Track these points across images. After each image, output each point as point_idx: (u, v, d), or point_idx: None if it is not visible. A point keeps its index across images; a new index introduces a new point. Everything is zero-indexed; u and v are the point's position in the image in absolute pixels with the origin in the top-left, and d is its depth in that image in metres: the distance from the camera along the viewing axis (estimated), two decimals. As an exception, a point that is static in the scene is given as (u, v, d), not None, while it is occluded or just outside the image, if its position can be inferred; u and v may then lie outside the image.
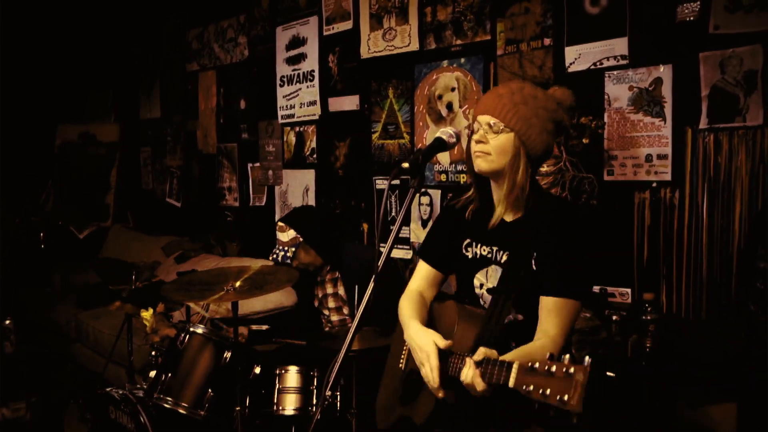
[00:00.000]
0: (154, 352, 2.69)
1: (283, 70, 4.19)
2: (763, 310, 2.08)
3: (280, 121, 4.23)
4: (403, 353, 1.91)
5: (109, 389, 2.53)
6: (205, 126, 4.98)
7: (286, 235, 2.87)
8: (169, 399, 2.31)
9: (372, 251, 3.15)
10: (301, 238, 2.87)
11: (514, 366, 1.34)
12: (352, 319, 2.90)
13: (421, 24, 3.30)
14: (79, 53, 5.94)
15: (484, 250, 1.77)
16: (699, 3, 2.35)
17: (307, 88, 4.00)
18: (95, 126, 6.06)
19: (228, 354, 2.36)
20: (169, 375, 2.34)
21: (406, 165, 1.51)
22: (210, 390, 2.32)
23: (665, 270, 2.49)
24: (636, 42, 2.53)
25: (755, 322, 2.12)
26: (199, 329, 2.41)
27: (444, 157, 3.22)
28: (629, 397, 2.24)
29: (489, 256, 1.76)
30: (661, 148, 2.49)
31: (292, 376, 2.40)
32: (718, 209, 2.36)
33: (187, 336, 2.39)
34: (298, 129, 4.13)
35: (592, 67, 2.65)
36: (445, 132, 1.63)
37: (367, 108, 3.64)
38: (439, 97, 3.24)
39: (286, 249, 2.87)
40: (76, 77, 6.07)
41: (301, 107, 4.07)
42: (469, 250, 1.81)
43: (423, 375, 1.64)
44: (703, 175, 2.39)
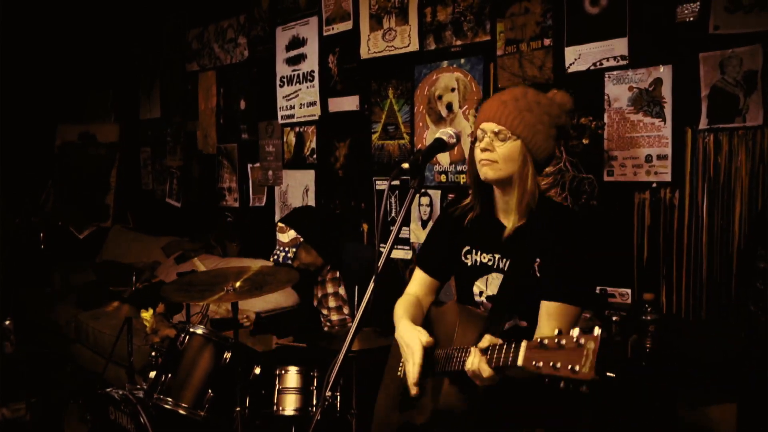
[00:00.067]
0: (154, 353, 2.70)
1: (283, 70, 4.19)
2: (763, 310, 2.08)
3: (280, 121, 4.23)
4: (402, 362, 1.91)
5: (109, 390, 2.53)
6: (205, 126, 4.98)
7: (287, 235, 2.87)
8: (169, 399, 2.31)
9: (372, 251, 3.15)
10: (301, 239, 2.87)
11: (522, 344, 1.30)
12: (352, 319, 2.90)
13: (421, 24, 3.30)
14: (79, 53, 5.94)
15: (484, 258, 1.76)
16: (699, 3, 2.35)
17: (307, 88, 4.00)
18: (95, 126, 6.06)
19: (228, 354, 2.36)
20: (169, 375, 2.34)
21: (406, 165, 1.51)
22: (210, 390, 2.32)
23: (665, 270, 2.49)
24: (636, 42, 2.53)
25: (755, 322, 2.12)
26: (199, 330, 2.41)
27: (444, 157, 3.22)
28: (629, 397, 2.23)
29: (490, 263, 1.75)
30: (661, 149, 2.49)
31: (292, 377, 2.40)
32: (718, 209, 2.36)
33: (187, 336, 2.40)
34: (298, 129, 4.13)
35: (592, 68, 2.65)
36: (445, 132, 1.63)
37: (367, 108, 3.64)
38: (439, 97, 3.24)
39: (286, 250, 2.87)
40: (76, 77, 6.07)
41: (301, 108, 4.07)
42: (468, 258, 1.80)
43: (406, 371, 1.64)
44: (703, 175, 2.39)
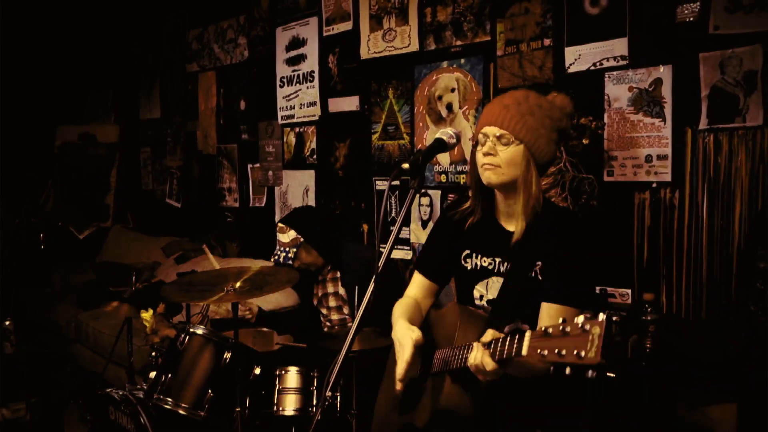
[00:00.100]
0: (154, 353, 2.70)
1: (283, 70, 4.19)
2: (763, 310, 2.08)
3: (280, 121, 4.23)
4: None
5: (109, 390, 2.53)
6: (205, 126, 4.98)
7: (287, 236, 2.87)
8: (169, 400, 2.31)
9: (372, 251, 3.15)
10: (301, 239, 2.87)
11: (526, 334, 1.29)
12: (351, 319, 2.90)
13: (421, 25, 3.30)
14: (79, 53, 5.94)
15: (484, 261, 1.76)
16: (699, 3, 2.35)
17: (307, 88, 4.00)
18: (95, 126, 6.06)
19: (228, 355, 2.36)
20: (169, 376, 2.34)
21: (406, 166, 1.51)
22: (210, 391, 2.31)
23: (665, 270, 2.49)
24: (636, 42, 2.53)
25: (755, 322, 2.12)
26: (199, 330, 2.41)
27: (444, 157, 3.22)
28: (629, 397, 2.24)
29: (490, 267, 1.75)
30: (661, 149, 2.49)
31: (292, 377, 2.39)
32: (718, 209, 2.36)
33: (187, 337, 2.39)
34: (298, 130, 4.13)
35: (592, 68, 2.65)
36: (445, 133, 1.63)
37: (367, 109, 3.64)
38: (439, 97, 3.24)
39: (287, 250, 2.87)
40: (76, 77, 6.07)
41: (301, 108, 4.07)
42: (468, 262, 1.80)
43: (396, 367, 1.64)
44: (703, 175, 2.38)
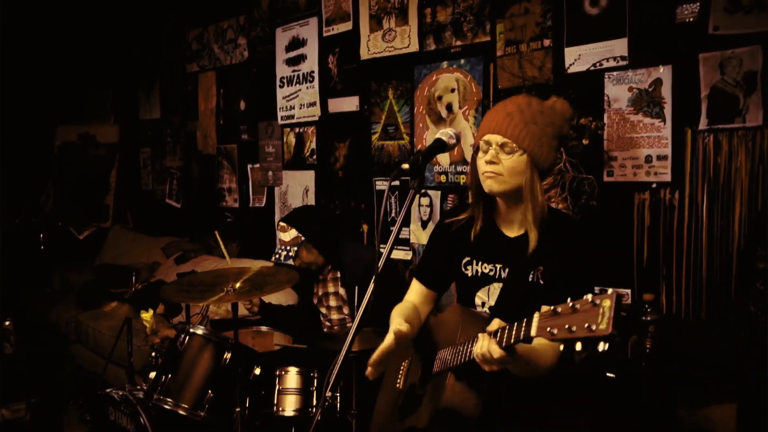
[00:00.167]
0: (153, 353, 2.70)
1: (282, 71, 4.19)
2: (763, 310, 2.08)
3: (280, 122, 4.23)
4: (401, 370, 1.90)
5: (109, 390, 2.53)
6: (204, 127, 4.98)
7: (288, 234, 2.87)
8: (169, 400, 2.31)
9: (372, 252, 3.15)
10: (302, 237, 2.87)
11: (534, 315, 1.28)
12: (351, 319, 2.90)
13: (421, 25, 3.30)
14: (79, 53, 5.94)
15: (485, 268, 1.75)
16: (698, 4, 2.35)
17: (307, 89, 4.00)
18: (95, 127, 6.06)
19: (228, 355, 2.36)
20: (169, 376, 2.34)
21: (406, 166, 1.50)
22: (210, 391, 2.32)
23: (665, 271, 2.49)
24: (636, 43, 2.53)
25: (755, 322, 2.12)
26: (199, 330, 2.41)
27: (444, 158, 3.22)
28: (629, 397, 2.24)
29: (491, 273, 1.74)
30: (661, 149, 2.49)
31: (292, 377, 2.40)
32: (718, 210, 2.36)
33: (187, 337, 2.39)
34: (297, 130, 4.13)
35: (592, 68, 2.65)
36: (445, 133, 1.62)
37: (366, 109, 3.64)
38: (439, 98, 3.24)
39: (288, 248, 2.87)
40: (76, 77, 6.07)
41: (300, 108, 4.07)
42: (468, 269, 1.79)
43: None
44: (703, 175, 2.39)
